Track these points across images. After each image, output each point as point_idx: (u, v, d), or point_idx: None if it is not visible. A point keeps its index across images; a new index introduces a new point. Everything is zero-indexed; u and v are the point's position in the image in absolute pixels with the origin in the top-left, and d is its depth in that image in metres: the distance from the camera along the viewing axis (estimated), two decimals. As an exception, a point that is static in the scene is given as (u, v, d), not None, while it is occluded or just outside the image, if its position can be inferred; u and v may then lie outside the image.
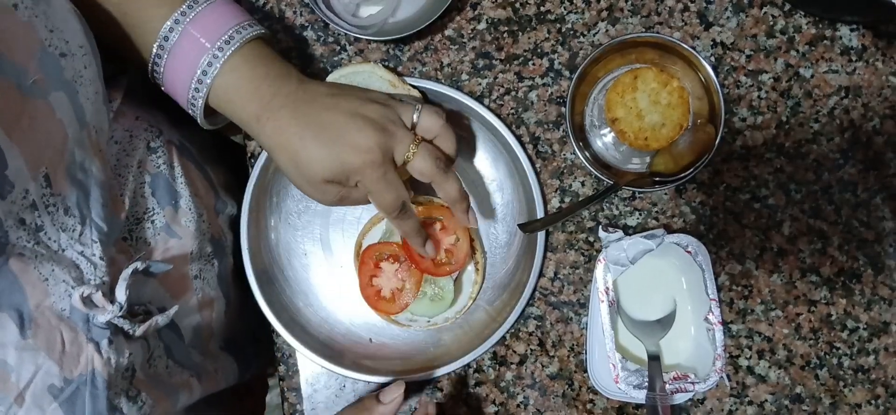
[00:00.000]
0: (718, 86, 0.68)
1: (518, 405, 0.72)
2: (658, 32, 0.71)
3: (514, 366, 0.72)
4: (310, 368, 0.73)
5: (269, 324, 0.71)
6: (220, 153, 0.80)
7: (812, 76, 0.71)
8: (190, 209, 0.67)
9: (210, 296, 0.69)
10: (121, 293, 0.52)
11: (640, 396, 0.67)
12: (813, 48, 0.71)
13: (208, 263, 0.69)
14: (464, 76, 0.72)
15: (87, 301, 0.50)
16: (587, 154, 0.70)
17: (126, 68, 0.67)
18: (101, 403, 0.51)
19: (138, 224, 0.61)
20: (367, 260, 0.70)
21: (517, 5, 0.71)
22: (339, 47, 0.72)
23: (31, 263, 0.48)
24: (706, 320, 0.68)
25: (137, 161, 0.62)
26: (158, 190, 0.64)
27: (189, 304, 0.66)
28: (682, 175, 0.67)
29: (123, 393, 0.54)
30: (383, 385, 0.72)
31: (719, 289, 0.71)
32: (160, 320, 0.56)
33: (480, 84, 0.72)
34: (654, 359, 0.68)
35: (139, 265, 0.54)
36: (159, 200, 0.64)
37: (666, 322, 0.70)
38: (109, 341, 0.52)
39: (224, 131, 0.89)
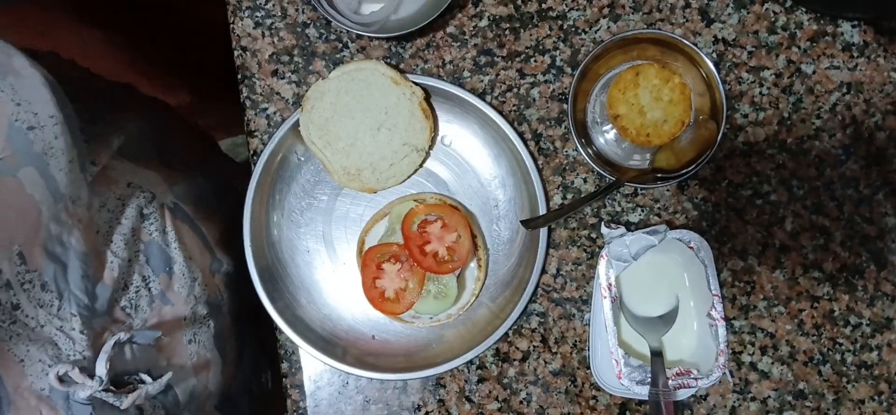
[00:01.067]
0: (720, 82, 0.68)
1: (521, 402, 0.72)
2: (660, 29, 0.71)
3: (516, 362, 0.72)
4: (312, 365, 0.73)
5: (269, 325, 0.71)
6: (218, 204, 0.80)
7: (814, 72, 0.71)
8: (183, 275, 0.66)
9: (206, 358, 0.69)
10: (101, 367, 0.51)
11: (642, 392, 0.67)
12: (814, 44, 0.71)
13: (203, 325, 0.69)
14: (466, 73, 0.72)
15: (65, 379, 0.50)
16: (589, 151, 0.70)
17: (121, 127, 0.67)
18: None
19: (137, 293, 0.61)
20: (369, 263, 0.70)
21: (519, 2, 0.71)
22: (341, 45, 0.72)
23: (4, 345, 0.47)
24: (709, 315, 0.68)
25: (131, 228, 0.62)
26: (152, 257, 0.64)
27: (184, 368, 0.65)
28: (684, 171, 0.68)
29: None
30: (386, 382, 0.73)
31: (722, 285, 0.71)
32: (151, 389, 0.56)
33: (482, 81, 0.72)
34: (657, 355, 0.68)
35: (122, 337, 0.53)
36: (154, 268, 0.64)
37: (668, 318, 0.70)
38: None
39: (212, 136, 0.88)
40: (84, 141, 0.55)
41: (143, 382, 0.56)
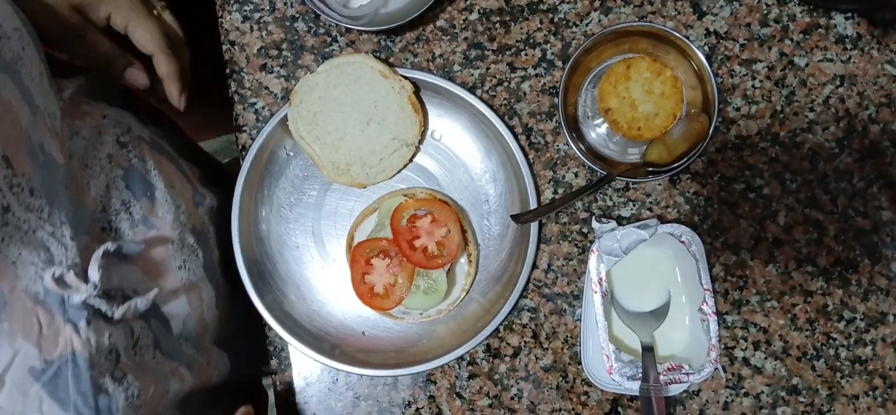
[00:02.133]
0: (712, 75, 0.67)
1: (512, 398, 0.72)
2: (651, 22, 0.70)
3: (507, 358, 0.72)
4: (302, 361, 0.72)
5: (260, 318, 0.70)
6: (194, 152, 0.81)
7: (807, 65, 0.70)
8: (166, 200, 0.66)
9: (198, 286, 0.68)
10: (94, 273, 0.52)
11: (633, 387, 0.67)
12: (807, 37, 0.70)
13: (192, 253, 0.68)
14: (456, 67, 0.71)
15: (60, 282, 0.50)
16: (580, 145, 0.70)
17: (85, 71, 0.67)
18: (84, 383, 0.50)
19: (116, 216, 0.61)
20: (358, 258, 0.69)
21: (509, -5, 0.71)
22: (330, 39, 0.72)
23: None
24: (700, 310, 0.68)
25: (107, 154, 0.62)
26: (132, 183, 0.64)
27: (175, 293, 0.65)
28: (676, 165, 0.67)
29: (108, 374, 0.53)
30: (376, 378, 0.72)
31: (714, 280, 0.70)
32: (140, 303, 0.56)
33: (473, 75, 0.71)
34: (648, 350, 0.67)
35: (110, 246, 0.53)
36: (134, 193, 0.64)
37: (660, 313, 0.69)
38: (87, 321, 0.52)
39: (197, 134, 0.88)
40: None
41: (129, 298, 0.57)
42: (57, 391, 0.49)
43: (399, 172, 0.72)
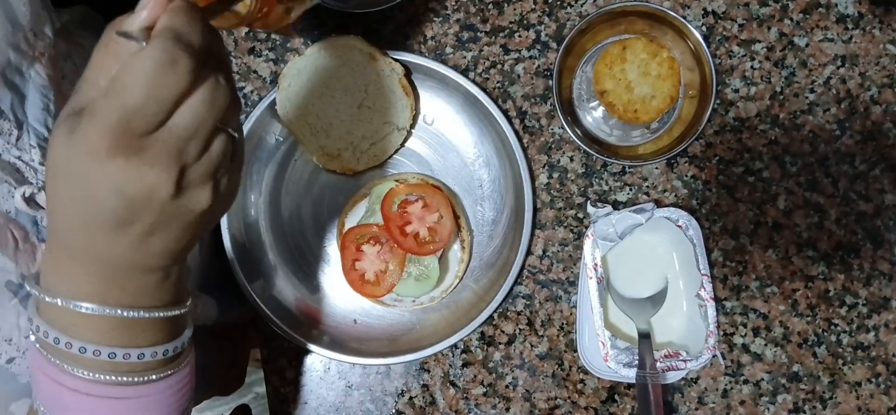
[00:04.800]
0: (710, 56, 0.66)
1: (507, 386, 0.70)
2: (647, 1, 0.68)
3: (502, 346, 0.70)
4: (293, 350, 0.71)
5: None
6: None
7: (807, 45, 0.68)
8: None
9: None
10: None
11: (630, 374, 0.65)
12: (808, 16, 0.68)
13: None
14: (448, 49, 0.70)
15: (31, 201, 0.48)
16: (576, 129, 0.68)
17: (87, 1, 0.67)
18: None
19: None
20: (349, 244, 0.68)
21: (502, -24, 0.69)
22: (319, 21, 0.70)
23: None
24: (698, 296, 0.66)
25: None
26: None
27: None
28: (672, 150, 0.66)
29: None
30: (369, 367, 0.71)
31: (712, 265, 0.69)
32: None
33: (465, 57, 0.70)
34: (645, 337, 0.66)
35: None
36: None
37: (657, 299, 0.68)
38: None
39: None
40: None
41: None
42: None
43: (390, 157, 0.70)
